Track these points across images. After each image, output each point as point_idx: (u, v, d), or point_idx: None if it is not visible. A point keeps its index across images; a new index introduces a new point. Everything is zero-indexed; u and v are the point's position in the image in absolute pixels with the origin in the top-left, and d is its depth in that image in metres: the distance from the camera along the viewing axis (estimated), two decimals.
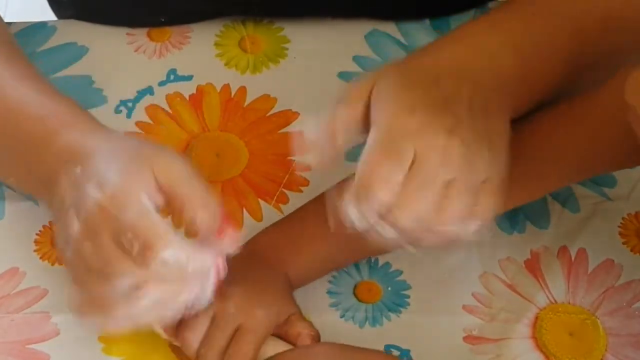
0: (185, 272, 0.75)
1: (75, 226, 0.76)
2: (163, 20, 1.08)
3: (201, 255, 0.76)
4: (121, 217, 0.74)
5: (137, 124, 1.00)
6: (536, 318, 0.89)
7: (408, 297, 0.91)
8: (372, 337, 0.88)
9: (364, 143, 0.76)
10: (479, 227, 0.75)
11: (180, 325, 0.82)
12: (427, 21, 1.07)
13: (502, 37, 0.83)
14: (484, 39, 0.83)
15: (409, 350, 0.88)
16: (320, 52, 1.05)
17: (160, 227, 0.75)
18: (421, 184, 0.73)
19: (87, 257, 0.76)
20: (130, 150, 0.80)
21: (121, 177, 0.76)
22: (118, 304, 0.76)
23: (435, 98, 0.76)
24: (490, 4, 1.09)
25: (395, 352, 0.87)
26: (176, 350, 0.85)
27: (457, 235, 0.75)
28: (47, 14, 1.15)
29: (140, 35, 1.06)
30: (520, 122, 0.83)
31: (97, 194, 0.75)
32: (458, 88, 0.78)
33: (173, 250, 0.74)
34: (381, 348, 0.87)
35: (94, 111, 0.93)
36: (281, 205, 0.96)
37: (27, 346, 0.88)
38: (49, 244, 0.93)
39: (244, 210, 0.95)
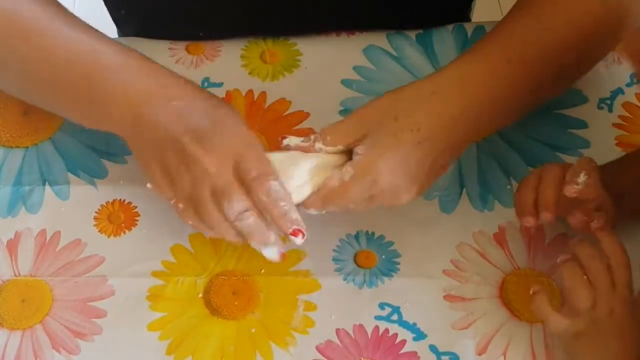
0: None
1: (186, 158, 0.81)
2: (201, 34, 1.08)
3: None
4: (240, 151, 0.80)
5: None
6: (503, 281, 0.89)
7: (398, 263, 0.91)
8: (369, 296, 0.89)
9: None
10: None
11: None
12: (413, 37, 1.07)
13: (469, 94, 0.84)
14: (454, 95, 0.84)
15: (399, 307, 0.88)
16: (326, 63, 1.05)
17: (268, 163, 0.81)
18: None
19: (203, 184, 0.80)
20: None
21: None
22: (222, 223, 0.81)
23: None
24: (466, 24, 1.09)
25: (388, 309, 0.88)
26: None
27: None
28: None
29: (179, 49, 1.06)
30: None
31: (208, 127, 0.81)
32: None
33: (279, 183, 0.80)
34: (376, 305, 0.88)
35: None
36: None
37: (87, 303, 0.89)
38: (105, 220, 0.94)
39: None
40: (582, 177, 0.81)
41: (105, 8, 1.14)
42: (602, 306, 0.80)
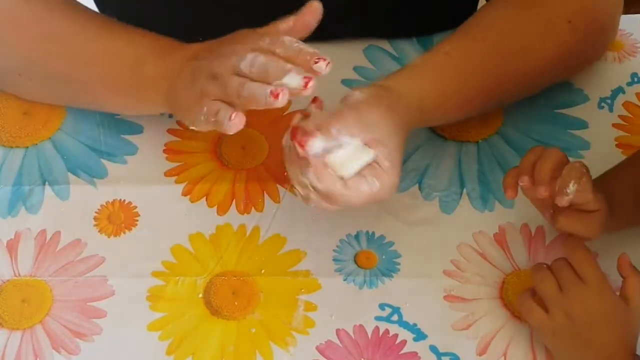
0: None
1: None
2: (200, 39, 1.07)
3: None
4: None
5: (177, 122, 1.01)
6: (503, 282, 0.89)
7: (399, 264, 0.91)
8: (369, 297, 0.89)
9: None
10: None
11: None
12: (414, 38, 1.07)
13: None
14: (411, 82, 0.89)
15: (399, 308, 0.88)
16: None
17: None
18: None
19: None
20: None
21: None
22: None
23: None
24: None
25: (388, 310, 0.88)
26: None
27: None
28: None
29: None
30: None
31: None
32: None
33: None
34: (377, 306, 0.88)
35: None
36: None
37: (88, 304, 0.89)
38: (105, 220, 0.94)
39: (265, 193, 0.96)
40: (571, 187, 0.81)
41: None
42: (573, 299, 0.81)
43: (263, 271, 0.90)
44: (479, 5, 1.13)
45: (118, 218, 0.94)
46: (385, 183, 0.81)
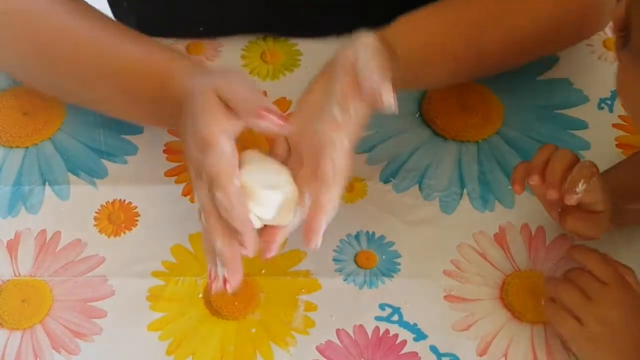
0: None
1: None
2: (201, 29, 1.07)
3: None
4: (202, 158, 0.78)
5: (169, 131, 1.01)
6: (503, 282, 0.89)
7: (399, 264, 0.91)
8: (369, 297, 0.89)
9: None
10: None
11: None
12: None
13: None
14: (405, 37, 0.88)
15: (399, 308, 0.88)
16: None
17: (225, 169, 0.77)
18: None
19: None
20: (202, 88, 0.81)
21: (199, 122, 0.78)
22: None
23: None
24: None
25: (388, 310, 0.88)
26: None
27: None
28: None
29: (180, 50, 1.06)
30: None
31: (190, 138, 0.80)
32: None
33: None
34: (377, 306, 0.88)
35: None
36: None
37: (88, 304, 0.89)
38: (105, 220, 0.94)
39: None
40: (581, 186, 0.81)
41: (103, 3, 1.14)
42: (602, 304, 0.80)
43: (263, 271, 0.90)
44: None
45: (118, 218, 0.94)
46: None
